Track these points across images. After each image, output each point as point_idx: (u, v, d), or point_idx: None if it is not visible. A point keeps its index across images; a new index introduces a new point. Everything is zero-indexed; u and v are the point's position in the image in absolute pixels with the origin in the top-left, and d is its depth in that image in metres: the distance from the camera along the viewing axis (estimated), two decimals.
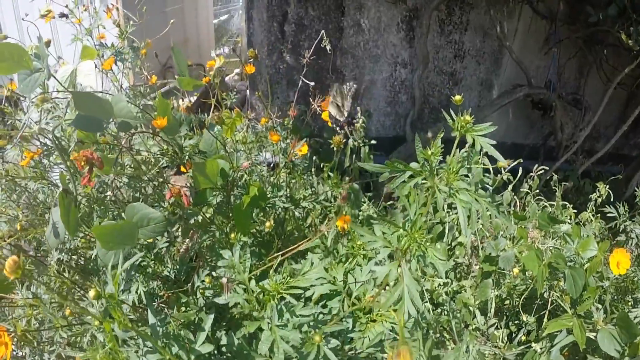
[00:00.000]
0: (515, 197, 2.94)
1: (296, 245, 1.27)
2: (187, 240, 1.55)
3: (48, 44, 1.55)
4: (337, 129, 3.85)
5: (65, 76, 1.05)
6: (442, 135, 3.48)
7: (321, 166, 2.90)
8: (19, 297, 1.20)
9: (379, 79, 4.23)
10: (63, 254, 1.28)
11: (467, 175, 1.03)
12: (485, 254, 2.26)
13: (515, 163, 2.46)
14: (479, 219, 2.24)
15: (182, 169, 1.39)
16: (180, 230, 1.49)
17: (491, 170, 2.41)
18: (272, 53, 4.07)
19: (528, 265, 1.80)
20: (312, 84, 2.17)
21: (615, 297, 2.12)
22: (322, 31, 1.99)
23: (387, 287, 1.20)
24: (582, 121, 4.51)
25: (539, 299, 2.13)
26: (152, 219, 0.97)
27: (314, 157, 3.00)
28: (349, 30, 4.03)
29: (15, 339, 1.15)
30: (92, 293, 0.76)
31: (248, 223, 1.36)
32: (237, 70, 6.89)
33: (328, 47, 1.94)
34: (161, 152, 1.46)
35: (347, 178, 2.85)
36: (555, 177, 3.24)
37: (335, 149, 1.88)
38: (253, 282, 1.07)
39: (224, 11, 8.79)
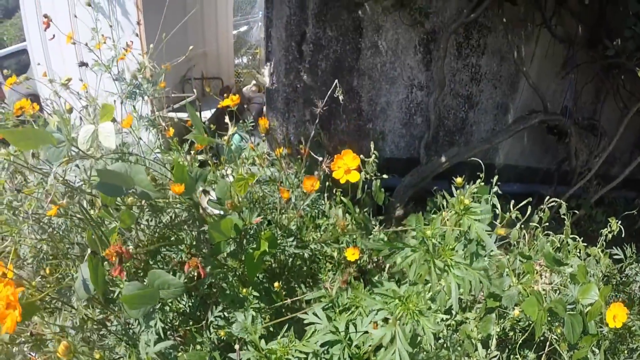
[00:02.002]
0: (524, 230, 2.96)
1: (303, 296, 1.33)
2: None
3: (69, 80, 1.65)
4: None
5: (87, 136, 1.12)
6: (456, 159, 3.50)
7: (333, 191, 2.95)
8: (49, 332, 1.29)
9: (394, 100, 4.27)
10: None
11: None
12: (489, 290, 2.29)
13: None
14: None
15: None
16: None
17: (498, 209, 2.44)
18: (290, 72, 4.13)
19: (527, 310, 1.83)
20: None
21: (614, 344, 2.15)
22: (336, 80, 2.02)
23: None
24: (597, 147, 4.50)
25: (540, 337, 2.16)
26: (171, 284, 1.07)
27: (326, 182, 3.06)
28: (366, 52, 4.07)
29: None
30: None
31: (258, 268, 1.43)
32: (254, 81, 6.98)
33: (341, 97, 1.98)
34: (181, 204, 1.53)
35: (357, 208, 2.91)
36: (564, 206, 3.23)
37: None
38: (263, 342, 1.15)
39: (244, 22, 8.89)
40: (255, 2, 9.04)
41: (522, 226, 3.01)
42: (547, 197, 3.09)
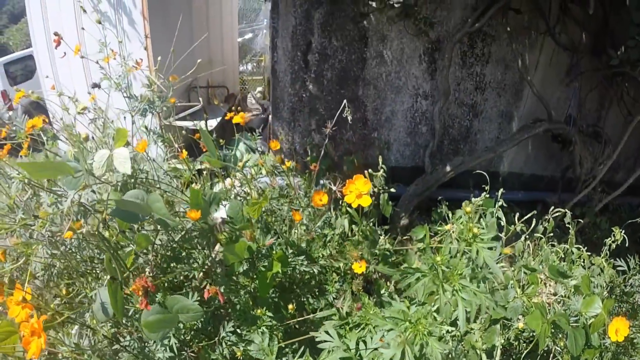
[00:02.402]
0: (528, 240, 2.98)
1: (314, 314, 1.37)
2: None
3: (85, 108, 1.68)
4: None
5: (102, 161, 1.15)
6: (460, 169, 3.51)
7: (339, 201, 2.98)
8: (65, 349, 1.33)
9: (400, 110, 4.31)
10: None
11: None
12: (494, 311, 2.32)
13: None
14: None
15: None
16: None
17: (503, 221, 2.47)
18: (296, 81, 4.17)
19: (531, 324, 1.86)
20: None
21: (616, 356, 2.17)
22: (345, 100, 2.05)
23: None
24: (601, 155, 4.52)
25: (544, 349, 2.19)
26: (191, 309, 1.11)
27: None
28: (371, 62, 4.11)
29: None
30: None
31: (270, 286, 1.47)
32: (259, 89, 7.03)
33: (349, 117, 2.01)
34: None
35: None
36: (569, 215, 3.24)
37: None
38: None
39: (249, 30, 8.94)
40: (260, 9, 9.09)
41: (527, 236, 3.04)
42: (552, 207, 3.11)
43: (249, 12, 9.30)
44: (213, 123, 4.83)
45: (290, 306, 1.53)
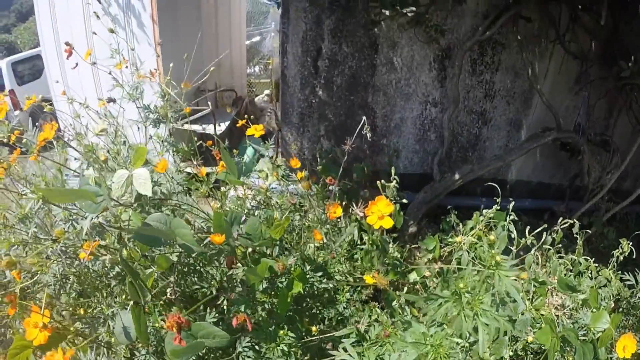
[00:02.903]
0: (537, 251, 2.99)
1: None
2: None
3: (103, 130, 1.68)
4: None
5: (121, 182, 1.14)
6: (469, 177, 3.49)
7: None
8: None
9: (409, 117, 4.31)
10: None
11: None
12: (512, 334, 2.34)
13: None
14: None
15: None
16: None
17: (514, 234, 2.48)
18: (305, 87, 4.18)
19: (541, 340, 1.87)
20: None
21: None
22: (364, 117, 2.06)
23: None
24: (609, 164, 4.51)
25: None
26: (217, 335, 1.11)
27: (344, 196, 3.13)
28: (381, 68, 4.12)
29: None
30: None
31: (289, 304, 1.48)
32: (267, 91, 7.03)
33: (368, 135, 2.01)
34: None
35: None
36: (577, 224, 3.23)
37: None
38: None
39: (257, 33, 8.95)
40: (268, 12, 9.11)
41: (536, 251, 3.04)
42: (560, 219, 3.11)
43: (257, 15, 9.32)
44: (222, 127, 4.84)
45: (314, 328, 1.54)
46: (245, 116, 2.34)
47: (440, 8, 3.91)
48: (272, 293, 1.53)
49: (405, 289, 3.11)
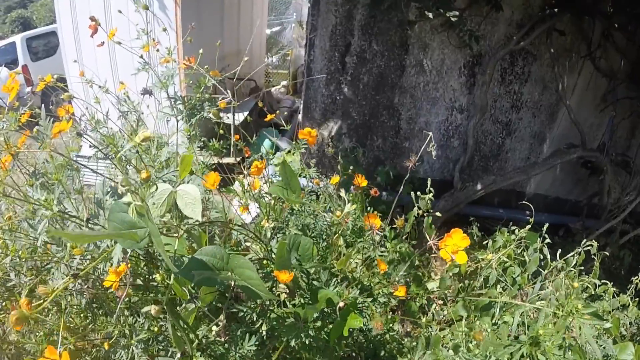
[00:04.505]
0: (557, 270, 2.93)
1: None
2: None
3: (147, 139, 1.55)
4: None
5: (162, 199, 0.93)
6: (491, 188, 3.43)
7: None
8: None
9: (434, 121, 4.22)
10: None
11: None
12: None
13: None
14: None
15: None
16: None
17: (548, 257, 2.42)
18: (330, 83, 4.08)
19: None
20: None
21: None
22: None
23: None
24: (629, 185, 4.45)
25: None
26: None
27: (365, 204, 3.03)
28: (410, 70, 4.02)
29: None
30: None
31: (343, 338, 1.36)
32: (284, 83, 6.92)
33: (433, 153, 1.92)
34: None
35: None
36: (595, 245, 3.15)
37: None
38: None
39: (277, 23, 8.83)
40: (290, 3, 8.98)
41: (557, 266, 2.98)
42: (583, 240, 3.06)
43: (279, 4, 9.18)
44: (240, 117, 4.74)
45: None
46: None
47: (475, 13, 3.82)
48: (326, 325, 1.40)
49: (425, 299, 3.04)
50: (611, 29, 3.91)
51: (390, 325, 2.45)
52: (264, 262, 1.31)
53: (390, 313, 2.55)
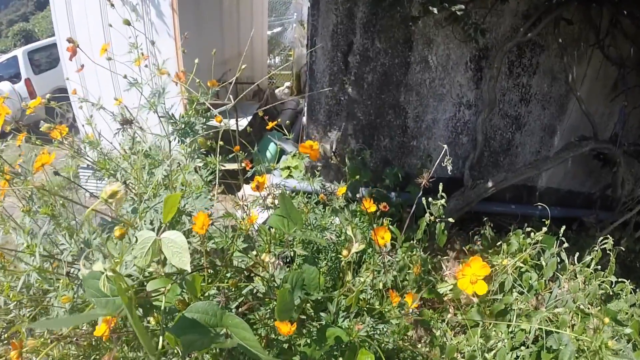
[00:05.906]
0: (573, 267, 2.85)
1: None
2: None
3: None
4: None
5: (145, 248, 0.86)
6: (502, 185, 3.34)
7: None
8: None
9: (441, 118, 4.13)
10: None
11: None
12: (546, 344, 2.24)
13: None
14: None
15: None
16: None
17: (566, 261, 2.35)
18: (334, 83, 4.00)
19: None
20: None
21: None
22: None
23: None
24: None
25: None
26: None
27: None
28: (415, 66, 3.93)
29: None
30: None
31: None
32: (287, 84, 6.85)
33: (449, 168, 1.84)
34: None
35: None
36: (610, 241, 3.05)
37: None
38: None
39: (278, 24, 8.77)
40: (290, 3, 8.91)
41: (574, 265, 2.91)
42: (601, 239, 2.98)
43: (279, 5, 9.10)
44: (243, 122, 4.66)
45: None
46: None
47: (479, 6, 3.72)
48: None
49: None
50: (619, 16, 3.81)
51: (404, 333, 2.38)
52: (267, 300, 1.24)
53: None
